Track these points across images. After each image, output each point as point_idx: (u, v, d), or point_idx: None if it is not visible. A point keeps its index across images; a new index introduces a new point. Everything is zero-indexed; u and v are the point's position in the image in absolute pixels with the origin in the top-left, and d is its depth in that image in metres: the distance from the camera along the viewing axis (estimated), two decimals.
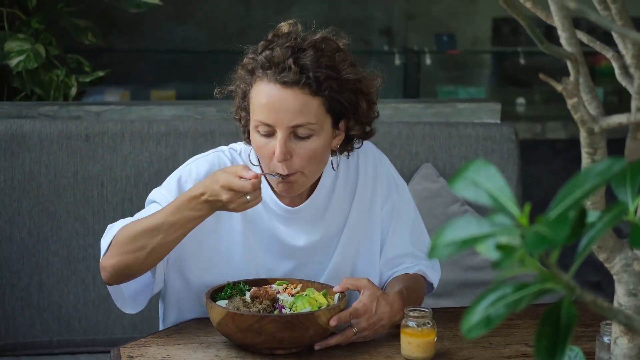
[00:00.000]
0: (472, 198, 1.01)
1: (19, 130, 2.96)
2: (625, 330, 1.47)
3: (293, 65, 2.12)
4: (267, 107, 2.14)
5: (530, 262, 0.93)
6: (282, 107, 2.14)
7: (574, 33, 1.35)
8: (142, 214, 2.27)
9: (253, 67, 2.18)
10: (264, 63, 2.15)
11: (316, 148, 2.18)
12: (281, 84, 2.13)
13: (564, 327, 0.95)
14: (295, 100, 2.14)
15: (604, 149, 1.37)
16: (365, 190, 2.39)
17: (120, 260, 2.19)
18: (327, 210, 2.36)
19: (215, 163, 2.30)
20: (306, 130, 2.16)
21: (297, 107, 2.14)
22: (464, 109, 3.36)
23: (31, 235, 2.95)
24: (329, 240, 2.36)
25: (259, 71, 2.16)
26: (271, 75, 2.14)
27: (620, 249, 1.44)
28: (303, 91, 2.14)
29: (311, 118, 2.15)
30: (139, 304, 2.34)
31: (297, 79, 2.12)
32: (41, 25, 3.54)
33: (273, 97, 2.14)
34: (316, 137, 2.18)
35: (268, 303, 2.14)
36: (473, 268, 3.06)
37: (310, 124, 2.16)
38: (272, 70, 2.14)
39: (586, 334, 2.13)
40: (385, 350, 2.15)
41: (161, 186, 2.31)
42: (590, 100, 1.43)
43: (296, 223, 2.34)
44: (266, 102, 2.14)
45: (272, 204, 2.32)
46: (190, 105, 3.27)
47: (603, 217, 0.99)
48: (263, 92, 2.15)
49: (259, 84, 2.17)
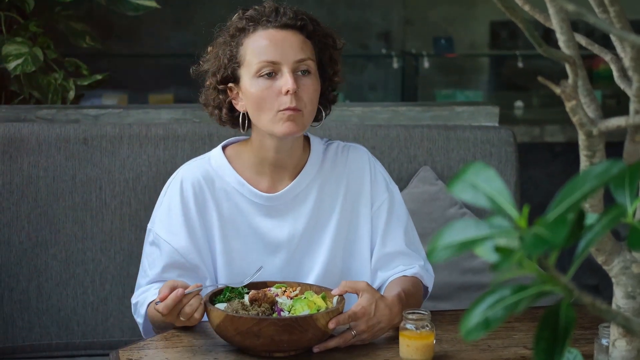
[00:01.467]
0: (470, 201, 1.01)
1: (17, 133, 2.96)
2: (624, 332, 1.47)
3: (288, 10, 2.33)
4: (270, 46, 2.30)
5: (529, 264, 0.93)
6: (285, 44, 2.30)
7: (572, 36, 1.35)
8: (151, 255, 2.38)
9: (242, 26, 2.32)
10: (255, 17, 2.32)
11: (314, 85, 2.33)
12: (279, 26, 2.31)
13: (562, 329, 0.96)
14: (295, 37, 2.32)
15: (603, 152, 1.37)
16: (354, 186, 2.43)
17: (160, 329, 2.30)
18: (310, 201, 2.40)
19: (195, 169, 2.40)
20: (306, 65, 2.32)
21: (298, 44, 2.31)
22: (462, 112, 3.36)
23: (30, 238, 2.95)
24: (314, 234, 2.38)
25: (250, 25, 2.32)
26: (266, 23, 2.31)
27: (618, 251, 1.44)
28: (298, 32, 2.33)
29: (309, 54, 2.33)
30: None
31: (294, 22, 2.31)
32: (39, 29, 3.54)
33: (275, 37, 2.31)
34: (313, 76, 2.33)
35: (267, 306, 2.14)
36: (471, 271, 3.06)
37: (310, 60, 2.33)
38: (265, 18, 2.31)
39: (585, 336, 2.13)
40: (384, 352, 2.15)
41: (161, 224, 2.38)
42: (589, 102, 1.43)
43: (277, 212, 2.38)
44: (268, 42, 2.30)
45: (250, 195, 2.37)
46: (189, 109, 3.27)
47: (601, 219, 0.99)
48: (262, 37, 2.31)
49: (251, 36, 2.32)
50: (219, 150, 2.42)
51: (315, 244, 2.39)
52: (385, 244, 2.42)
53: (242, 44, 2.31)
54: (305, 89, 2.29)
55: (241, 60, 2.31)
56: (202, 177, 2.38)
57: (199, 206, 2.36)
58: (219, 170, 2.39)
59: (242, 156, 2.41)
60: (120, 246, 2.98)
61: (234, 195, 2.37)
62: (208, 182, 2.37)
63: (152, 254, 2.38)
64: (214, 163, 2.40)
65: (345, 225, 2.41)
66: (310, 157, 2.42)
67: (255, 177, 2.39)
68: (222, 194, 2.37)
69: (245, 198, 2.37)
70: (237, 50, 2.32)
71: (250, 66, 2.29)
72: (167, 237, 2.35)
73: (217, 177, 2.38)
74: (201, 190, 2.36)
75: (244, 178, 2.38)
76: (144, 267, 2.40)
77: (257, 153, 2.37)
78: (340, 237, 2.40)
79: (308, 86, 2.30)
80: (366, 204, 2.43)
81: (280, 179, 2.39)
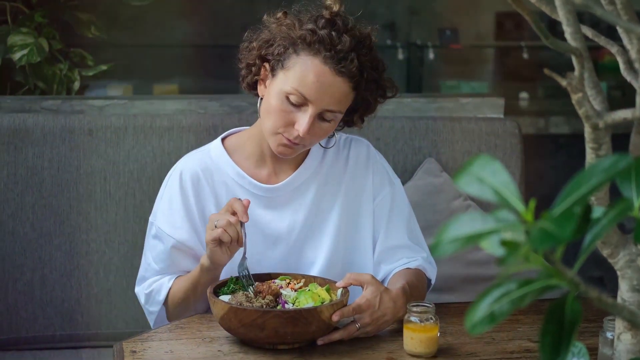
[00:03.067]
0: (476, 194, 1.00)
1: (22, 124, 2.95)
2: (629, 326, 1.47)
3: (356, 60, 2.22)
4: (314, 84, 2.21)
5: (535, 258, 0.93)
6: (327, 91, 2.22)
7: (578, 28, 1.34)
8: (155, 248, 2.40)
9: (312, 39, 2.22)
10: (327, 43, 2.22)
11: (328, 130, 2.29)
12: (337, 71, 2.21)
13: (568, 323, 0.95)
14: (340, 89, 2.23)
15: (609, 144, 1.36)
16: (355, 179, 2.43)
17: (182, 315, 2.35)
18: (310, 193, 2.40)
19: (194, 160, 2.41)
20: (332, 115, 2.26)
21: (339, 96, 2.24)
22: (467, 104, 3.35)
23: (34, 229, 2.94)
24: (315, 226, 2.38)
25: (318, 47, 2.22)
26: (329, 58, 2.21)
27: (624, 244, 1.43)
28: (349, 84, 2.23)
29: (342, 107, 2.27)
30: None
31: (354, 74, 2.22)
32: (44, 19, 3.54)
33: (324, 78, 2.22)
34: (334, 122, 2.28)
35: (271, 298, 2.14)
36: (476, 263, 3.05)
37: (339, 112, 2.27)
38: (331, 53, 2.21)
39: (589, 329, 2.13)
40: (388, 345, 2.15)
41: (163, 217, 2.39)
42: (595, 95, 1.42)
43: (276, 204, 2.38)
44: (315, 80, 2.21)
45: (249, 187, 2.37)
46: (194, 100, 3.26)
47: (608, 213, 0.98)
48: (315, 69, 2.22)
49: (312, 58, 2.22)
50: (218, 142, 2.42)
51: (316, 236, 2.39)
52: (388, 237, 2.42)
53: (299, 54, 2.23)
54: (316, 131, 2.26)
55: (287, 65, 2.24)
56: (201, 169, 2.38)
57: (198, 198, 2.36)
58: (219, 162, 2.38)
59: (242, 147, 2.41)
60: (124, 237, 2.98)
61: (233, 187, 2.37)
62: (206, 174, 2.37)
63: (156, 248, 2.38)
64: (214, 155, 2.40)
65: (347, 218, 2.41)
66: (312, 149, 2.42)
67: (255, 169, 2.39)
68: (221, 186, 2.37)
69: (244, 190, 2.37)
70: (290, 54, 2.24)
71: (286, 80, 2.24)
72: (170, 230, 2.36)
73: (216, 169, 2.38)
74: (199, 182, 2.37)
75: (244, 169, 2.38)
76: (148, 260, 2.41)
77: (259, 143, 2.37)
78: (342, 230, 2.40)
79: (321, 129, 2.27)
80: (368, 197, 2.42)
81: (281, 170, 2.39)
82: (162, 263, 2.37)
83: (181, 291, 2.33)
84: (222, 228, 2.15)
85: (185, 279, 2.34)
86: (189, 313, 2.34)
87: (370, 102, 2.33)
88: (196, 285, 2.30)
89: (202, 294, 2.30)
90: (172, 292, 2.35)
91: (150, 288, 2.38)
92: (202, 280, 2.28)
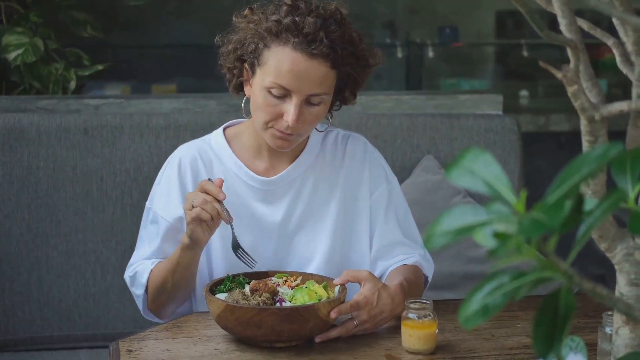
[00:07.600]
0: (468, 186, 0.99)
1: (17, 124, 2.95)
2: (627, 320, 1.45)
3: (325, 38, 2.19)
4: (290, 73, 2.19)
5: (528, 250, 0.91)
6: (304, 77, 2.20)
7: (574, 20, 1.33)
8: (151, 233, 2.40)
9: (278, 30, 2.21)
10: (293, 30, 2.20)
11: (320, 114, 2.27)
12: (309, 54, 2.19)
13: (562, 315, 0.94)
14: (318, 70, 2.20)
15: (605, 137, 1.35)
16: (353, 175, 2.43)
17: (160, 303, 2.37)
18: (307, 187, 2.40)
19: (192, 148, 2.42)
20: (319, 98, 2.24)
21: (318, 78, 2.21)
22: (465, 101, 3.34)
23: (30, 230, 2.93)
24: (311, 221, 2.38)
25: (285, 35, 2.20)
26: (298, 44, 2.19)
27: (621, 238, 1.42)
28: (326, 63, 2.21)
29: (327, 89, 2.24)
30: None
31: (327, 53, 2.20)
32: (40, 19, 3.53)
33: (298, 65, 2.19)
34: (323, 105, 2.26)
35: (268, 296, 2.13)
36: (475, 260, 3.04)
37: (325, 94, 2.24)
38: (300, 39, 2.19)
39: (589, 325, 2.12)
40: (386, 342, 2.14)
41: (160, 201, 2.39)
42: (591, 87, 1.41)
43: (273, 196, 2.38)
44: (290, 69, 2.19)
45: (247, 178, 2.38)
46: (190, 98, 3.25)
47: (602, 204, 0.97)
48: (288, 58, 2.20)
49: (282, 48, 2.21)
50: (219, 131, 2.43)
51: (313, 230, 2.38)
52: (385, 234, 2.41)
53: (269, 47, 2.22)
54: (307, 118, 2.25)
55: (262, 61, 2.23)
56: (200, 156, 2.40)
57: (196, 183, 2.36)
58: (219, 152, 2.39)
59: (241, 138, 2.41)
60: (121, 237, 2.97)
61: (231, 178, 2.37)
62: (205, 161, 2.39)
63: (152, 232, 2.38)
64: (214, 144, 2.41)
65: (344, 212, 2.40)
66: (309, 143, 2.41)
67: (253, 160, 2.39)
68: (219, 175, 2.36)
69: (242, 181, 2.37)
70: (262, 49, 2.24)
71: (264, 75, 2.23)
72: (165, 213, 2.36)
73: (215, 158, 2.39)
74: (198, 168, 2.37)
75: (242, 160, 2.39)
76: (140, 246, 2.40)
77: (256, 136, 2.37)
78: (339, 225, 2.39)
79: (311, 115, 2.25)
80: (365, 192, 2.42)
81: (278, 162, 2.39)
82: (153, 246, 2.38)
83: (161, 272, 2.32)
84: (199, 207, 2.15)
85: (166, 261, 2.33)
86: (167, 305, 2.34)
87: (355, 76, 2.30)
88: (176, 265, 2.28)
89: (180, 278, 2.29)
90: (153, 273, 2.35)
91: (135, 270, 2.38)
92: (182, 261, 2.26)
